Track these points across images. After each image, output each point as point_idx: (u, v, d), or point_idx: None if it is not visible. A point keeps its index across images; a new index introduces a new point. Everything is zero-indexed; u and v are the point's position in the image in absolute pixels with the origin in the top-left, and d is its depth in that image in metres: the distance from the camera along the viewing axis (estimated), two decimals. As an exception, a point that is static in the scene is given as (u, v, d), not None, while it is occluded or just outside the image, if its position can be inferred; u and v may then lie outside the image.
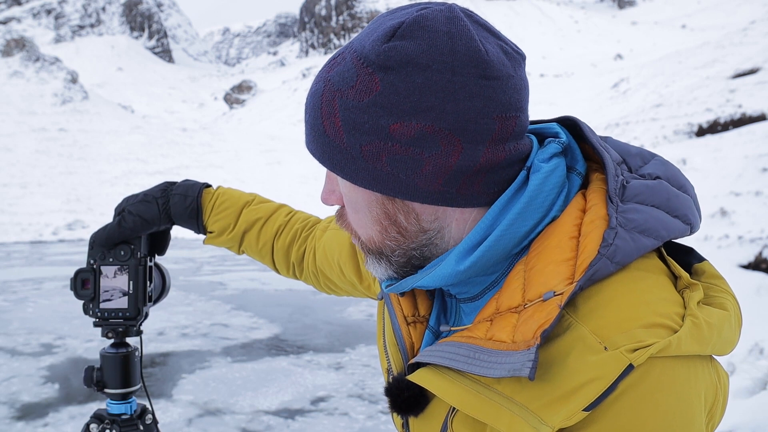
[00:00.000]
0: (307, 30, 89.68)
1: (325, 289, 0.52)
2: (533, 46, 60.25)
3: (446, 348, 0.28)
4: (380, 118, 0.27)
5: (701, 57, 19.69)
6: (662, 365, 0.24)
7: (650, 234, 0.26)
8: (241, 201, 0.51)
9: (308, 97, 0.30)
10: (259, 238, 0.51)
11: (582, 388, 0.24)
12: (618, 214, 0.26)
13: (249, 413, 2.37)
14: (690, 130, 9.00)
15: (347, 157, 0.28)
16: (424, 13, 0.27)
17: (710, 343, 0.25)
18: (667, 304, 0.26)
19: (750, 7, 52.08)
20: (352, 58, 0.27)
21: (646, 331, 0.24)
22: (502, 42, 0.28)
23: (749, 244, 3.68)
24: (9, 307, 4.80)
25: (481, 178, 0.28)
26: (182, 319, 4.33)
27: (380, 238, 0.30)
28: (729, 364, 2.26)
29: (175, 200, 0.49)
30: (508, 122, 0.27)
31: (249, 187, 14.79)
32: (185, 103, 70.07)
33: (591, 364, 0.24)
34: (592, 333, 0.24)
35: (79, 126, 27.64)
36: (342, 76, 0.27)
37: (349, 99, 0.27)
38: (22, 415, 2.37)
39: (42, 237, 14.44)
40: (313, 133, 0.29)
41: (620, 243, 0.26)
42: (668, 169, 0.30)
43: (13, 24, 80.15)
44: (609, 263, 0.25)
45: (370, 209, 0.30)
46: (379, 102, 0.26)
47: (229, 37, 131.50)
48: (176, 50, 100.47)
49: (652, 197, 0.28)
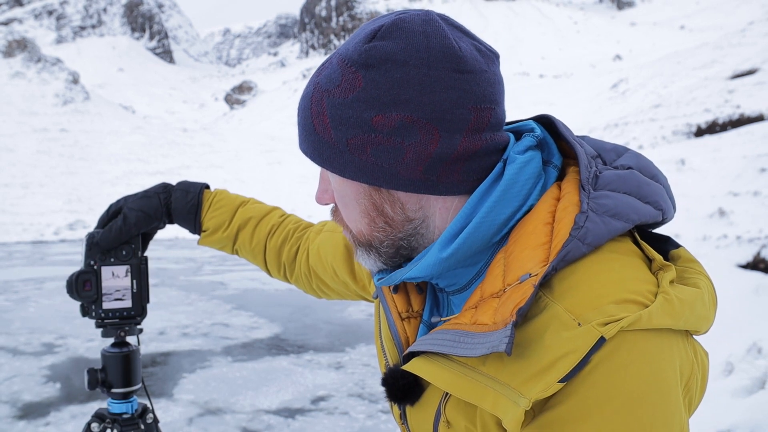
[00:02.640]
0: (307, 31, 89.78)
1: (317, 292, 0.53)
2: (532, 47, 60.26)
3: (435, 336, 0.30)
4: (363, 112, 0.29)
5: (700, 58, 19.67)
6: (634, 338, 0.25)
7: (621, 217, 0.28)
8: (237, 201, 0.53)
9: (300, 101, 0.32)
10: (252, 237, 0.52)
11: (557, 362, 0.25)
12: (590, 200, 0.28)
13: (249, 412, 2.38)
14: (689, 130, 9.02)
15: (335, 152, 0.30)
16: (402, 17, 0.30)
17: (682, 317, 0.26)
18: (640, 282, 0.27)
19: (748, 7, 52.11)
20: (338, 60, 0.30)
21: (617, 306, 0.25)
22: (475, 42, 0.30)
23: (747, 244, 3.68)
24: (10, 307, 4.81)
25: (460, 166, 0.29)
26: (183, 319, 4.33)
27: (369, 230, 0.32)
28: (727, 363, 2.26)
29: (177, 195, 0.50)
30: (483, 113, 0.29)
31: (249, 187, 14.73)
32: (186, 103, 70.13)
33: (565, 340, 0.25)
34: (566, 311, 0.26)
35: (80, 126, 27.68)
36: (329, 77, 0.30)
37: (336, 97, 0.29)
38: (23, 415, 2.38)
39: (43, 237, 14.44)
40: (305, 133, 0.31)
41: (591, 226, 0.27)
42: (640, 161, 0.31)
43: (14, 25, 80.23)
44: (581, 245, 0.27)
45: (358, 201, 0.31)
46: (362, 97, 0.29)
47: (229, 37, 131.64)
48: (177, 51, 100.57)
49: (623, 185, 0.29)
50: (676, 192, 6.66)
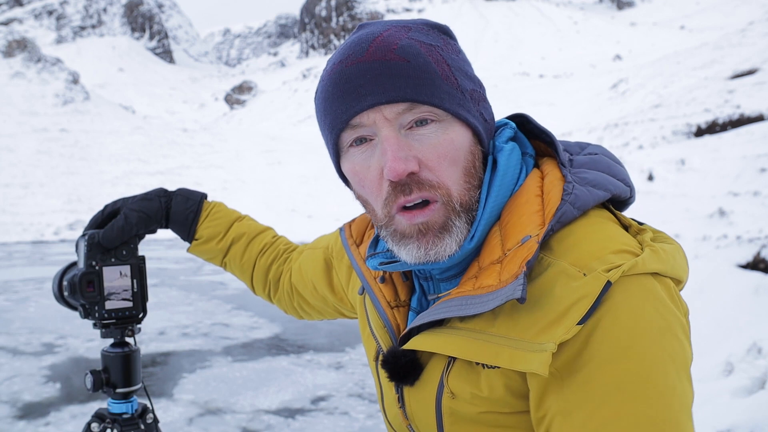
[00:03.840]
0: (307, 31, 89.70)
1: (297, 311, 0.54)
2: (532, 47, 60.20)
3: (438, 307, 0.31)
4: (471, 71, 0.34)
5: (700, 58, 19.63)
6: (638, 280, 0.28)
7: (600, 188, 0.32)
8: (233, 216, 0.54)
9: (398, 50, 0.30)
10: (244, 253, 0.53)
11: (572, 308, 0.27)
12: (571, 174, 0.32)
13: (249, 412, 2.38)
14: (688, 130, 9.02)
15: (463, 99, 0.32)
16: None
17: (669, 264, 0.30)
18: (628, 239, 0.31)
19: (748, 8, 52.12)
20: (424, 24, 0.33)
21: (615, 255, 0.29)
22: None
23: (747, 244, 3.68)
24: (11, 307, 4.82)
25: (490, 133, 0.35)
26: (183, 319, 4.34)
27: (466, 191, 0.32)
28: (727, 363, 2.26)
29: (177, 200, 0.51)
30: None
31: (249, 187, 14.70)
32: (186, 103, 70.10)
33: (575, 288, 0.27)
34: (571, 265, 0.28)
35: (80, 126, 27.66)
36: (427, 36, 0.32)
37: (448, 52, 0.32)
38: (23, 415, 2.38)
39: (43, 237, 14.45)
40: (430, 79, 0.31)
41: (578, 192, 0.31)
42: (604, 150, 0.36)
43: (14, 25, 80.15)
44: (572, 208, 0.30)
45: (465, 157, 0.32)
46: (465, 59, 0.34)
47: (229, 37, 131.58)
48: (177, 51, 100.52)
49: (595, 165, 0.34)
50: (675, 192, 6.58)
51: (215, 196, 11.28)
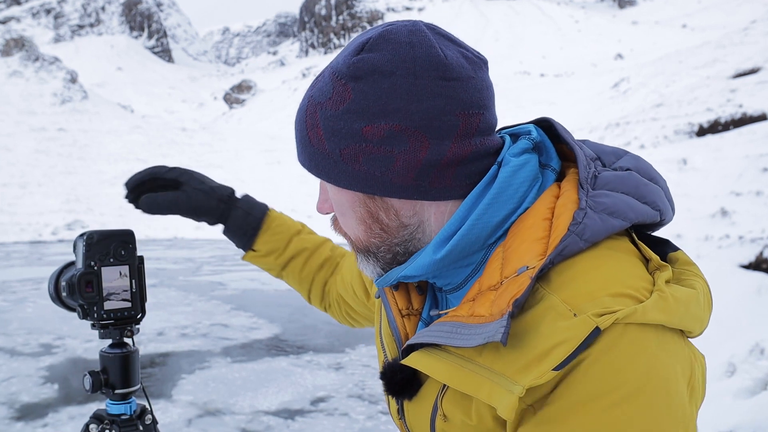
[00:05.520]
0: (306, 30, 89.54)
1: (347, 319, 0.53)
2: (533, 46, 60.12)
3: (433, 328, 0.31)
4: (354, 123, 0.30)
5: (702, 57, 19.60)
6: (634, 331, 0.26)
7: (618, 216, 0.29)
8: (294, 229, 0.53)
9: (296, 114, 0.34)
10: (303, 268, 0.53)
11: (552, 350, 0.26)
12: (588, 198, 0.29)
13: (249, 413, 2.36)
14: (690, 129, 8.99)
15: (330, 162, 0.31)
16: (389, 29, 0.31)
17: (677, 315, 0.27)
18: (636, 279, 0.28)
19: (750, 6, 51.98)
20: (329, 73, 0.31)
21: (612, 299, 0.26)
22: (463, 49, 0.31)
23: (750, 244, 3.66)
24: (8, 307, 4.79)
25: (451, 171, 0.30)
26: (182, 319, 4.32)
27: (366, 236, 0.33)
28: (729, 364, 2.25)
29: (237, 213, 0.49)
30: (471, 119, 0.30)
31: (249, 187, 14.69)
32: (185, 102, 70.03)
33: (561, 329, 0.26)
34: (563, 302, 0.26)
35: (78, 126, 27.62)
36: (321, 90, 0.31)
37: (328, 109, 0.31)
38: (21, 416, 2.37)
39: (41, 237, 14.42)
40: (302, 146, 0.33)
41: (589, 222, 0.28)
42: (639, 163, 0.32)
43: (12, 23, 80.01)
44: (578, 240, 0.28)
45: (354, 210, 0.32)
46: (352, 108, 0.30)
47: (228, 36, 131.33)
48: (176, 50, 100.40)
49: (621, 185, 0.30)
50: (677, 192, 6.52)
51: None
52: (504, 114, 28.04)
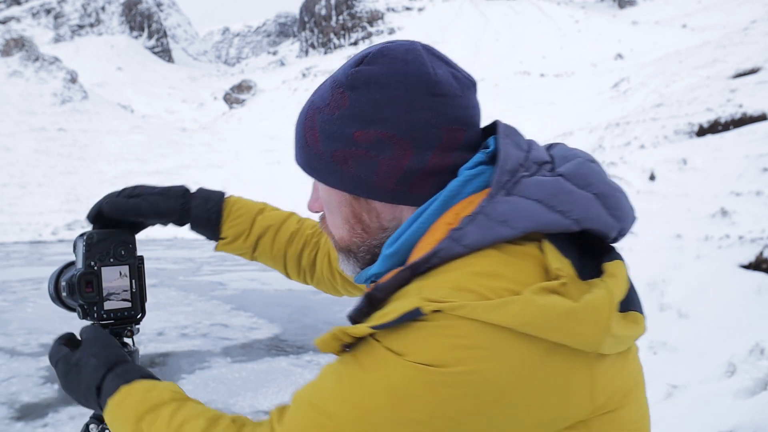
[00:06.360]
0: (306, 30, 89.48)
1: (340, 292, 0.54)
2: (533, 46, 60.08)
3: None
4: (347, 128, 0.33)
5: (702, 56, 19.57)
6: (454, 322, 0.26)
7: (510, 224, 0.29)
8: (255, 209, 0.53)
9: (297, 117, 0.37)
10: (273, 246, 0.53)
11: (382, 317, 0.28)
12: (488, 204, 0.30)
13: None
14: (690, 129, 8.98)
15: (322, 163, 0.34)
16: (388, 45, 0.34)
17: (524, 320, 0.26)
18: (502, 280, 0.28)
19: (750, 6, 51.91)
20: (330, 82, 0.35)
21: (453, 291, 0.27)
22: (454, 69, 0.34)
23: (750, 244, 3.65)
24: (8, 307, 4.85)
25: (431, 180, 0.32)
26: (182, 320, 4.35)
27: (348, 235, 0.36)
28: (729, 364, 2.24)
29: (196, 203, 0.50)
30: (455, 134, 0.33)
31: (249, 187, 14.73)
32: (185, 102, 70.03)
33: (397, 305, 0.28)
34: (417, 288, 0.29)
35: (78, 126, 27.63)
36: (321, 96, 0.35)
37: (325, 114, 0.34)
38: (21, 416, 2.37)
39: (41, 237, 14.50)
40: (299, 146, 0.36)
41: (472, 228, 0.29)
42: (581, 169, 0.32)
43: (12, 23, 80.00)
44: (456, 245, 0.29)
45: (340, 209, 0.35)
46: (347, 114, 0.33)
47: (228, 36, 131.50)
48: (176, 50, 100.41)
49: (537, 192, 0.30)
50: (678, 192, 6.49)
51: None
52: (504, 114, 27.99)
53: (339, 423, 0.27)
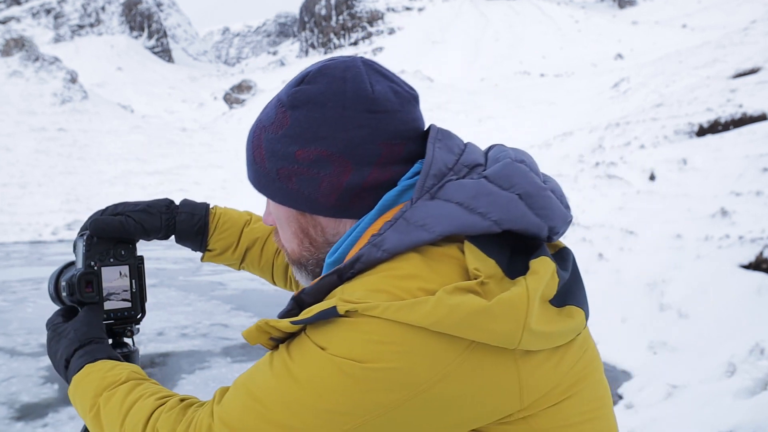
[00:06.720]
0: (306, 30, 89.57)
1: None
2: (533, 46, 60.16)
3: None
4: (289, 146, 0.34)
5: (702, 56, 19.55)
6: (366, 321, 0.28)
7: (428, 228, 0.30)
8: (241, 221, 0.54)
9: (247, 135, 0.38)
10: (261, 257, 0.54)
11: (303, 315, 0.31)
12: (409, 210, 0.31)
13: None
14: (690, 129, 8.98)
15: (269, 180, 0.36)
16: (327, 64, 0.35)
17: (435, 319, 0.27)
18: (417, 281, 0.29)
19: (750, 6, 51.90)
20: (275, 101, 0.36)
21: (368, 292, 0.29)
22: (395, 84, 0.35)
23: (750, 244, 3.63)
24: (8, 307, 4.85)
25: (371, 194, 0.34)
26: (182, 320, 4.37)
27: (298, 249, 0.38)
28: (729, 364, 2.24)
29: (182, 218, 0.51)
30: (394, 148, 0.34)
31: (249, 187, 14.75)
32: (185, 102, 69.91)
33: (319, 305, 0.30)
34: (340, 290, 0.31)
35: (78, 126, 27.62)
36: (267, 115, 0.36)
37: (270, 132, 0.35)
38: (21, 416, 2.38)
39: (41, 237, 14.50)
40: (248, 163, 0.37)
41: (390, 234, 0.30)
42: (505, 170, 0.32)
43: (12, 23, 80.00)
44: (377, 250, 0.30)
45: (289, 224, 0.37)
46: (289, 133, 0.34)
47: (228, 36, 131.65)
48: (176, 50, 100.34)
49: (457, 195, 0.31)
50: (678, 192, 6.48)
51: (215, 196, 11.06)
52: (504, 114, 28.01)
53: (268, 409, 0.29)
